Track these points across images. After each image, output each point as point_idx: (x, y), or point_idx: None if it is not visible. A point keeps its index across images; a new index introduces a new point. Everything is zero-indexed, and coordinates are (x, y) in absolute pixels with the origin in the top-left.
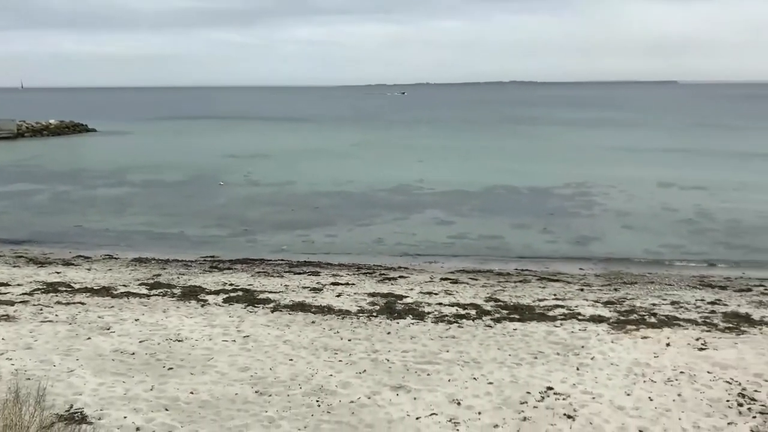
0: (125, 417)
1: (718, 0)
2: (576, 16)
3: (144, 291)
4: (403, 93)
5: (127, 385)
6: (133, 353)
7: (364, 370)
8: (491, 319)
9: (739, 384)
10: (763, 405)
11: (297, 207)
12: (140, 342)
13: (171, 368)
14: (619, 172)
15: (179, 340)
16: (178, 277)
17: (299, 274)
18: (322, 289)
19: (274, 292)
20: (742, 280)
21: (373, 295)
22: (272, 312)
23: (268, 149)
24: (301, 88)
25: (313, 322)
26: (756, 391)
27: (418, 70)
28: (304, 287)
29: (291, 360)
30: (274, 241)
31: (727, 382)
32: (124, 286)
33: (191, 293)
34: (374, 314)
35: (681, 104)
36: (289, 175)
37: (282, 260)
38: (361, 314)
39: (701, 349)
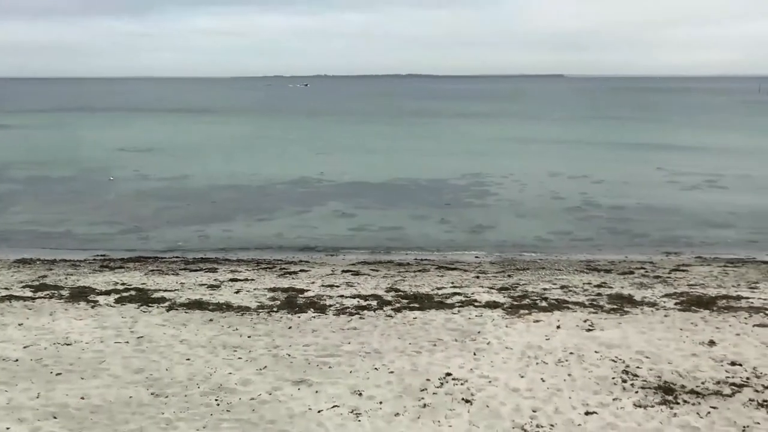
0: (8, 428)
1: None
2: (472, 10)
3: (28, 294)
4: (306, 85)
5: (10, 394)
6: (17, 360)
7: (265, 367)
8: (392, 309)
9: (623, 362)
10: (644, 380)
11: (193, 202)
12: (25, 347)
13: (59, 374)
14: (513, 163)
15: (68, 344)
16: (66, 278)
17: (196, 271)
18: (220, 286)
19: (170, 291)
20: (625, 263)
21: (273, 290)
22: (168, 311)
23: (163, 142)
24: (202, 80)
25: (210, 319)
26: (638, 367)
27: (319, 62)
28: (201, 284)
29: (188, 359)
30: (168, 238)
31: (613, 360)
32: (5, 289)
33: (80, 294)
34: (275, 309)
35: (569, 97)
36: (185, 169)
37: (177, 257)
38: (261, 310)
39: (589, 330)
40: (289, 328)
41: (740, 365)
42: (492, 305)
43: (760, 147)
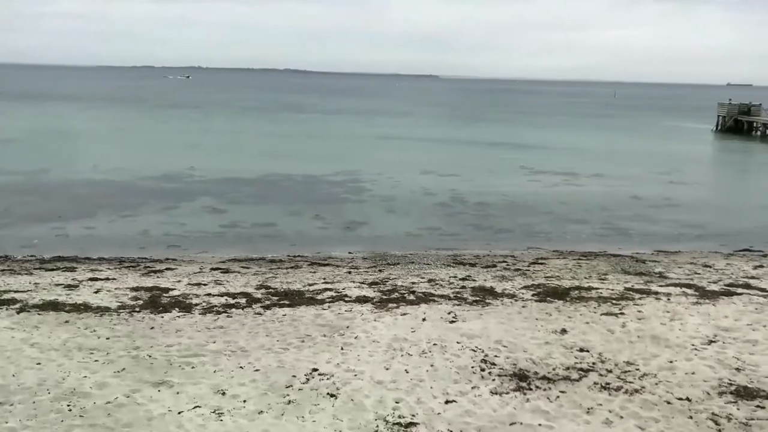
0: None
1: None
2: (350, 6)
3: None
4: (188, 77)
5: None
6: None
7: (123, 369)
8: (261, 307)
9: (483, 351)
10: (501, 368)
11: (51, 197)
12: None
13: None
14: (387, 159)
15: None
16: None
17: (52, 270)
18: (78, 286)
19: (21, 291)
20: (489, 257)
21: (136, 289)
22: (18, 313)
23: (17, 132)
24: (61, 68)
25: (66, 321)
26: (496, 356)
27: (193, 53)
28: (58, 284)
29: (39, 364)
30: (22, 235)
31: (473, 350)
32: None
33: None
34: (137, 309)
35: (442, 97)
36: (41, 161)
37: (32, 256)
38: (122, 310)
39: (452, 322)
40: (152, 328)
41: (588, 351)
42: (362, 300)
43: (612, 147)
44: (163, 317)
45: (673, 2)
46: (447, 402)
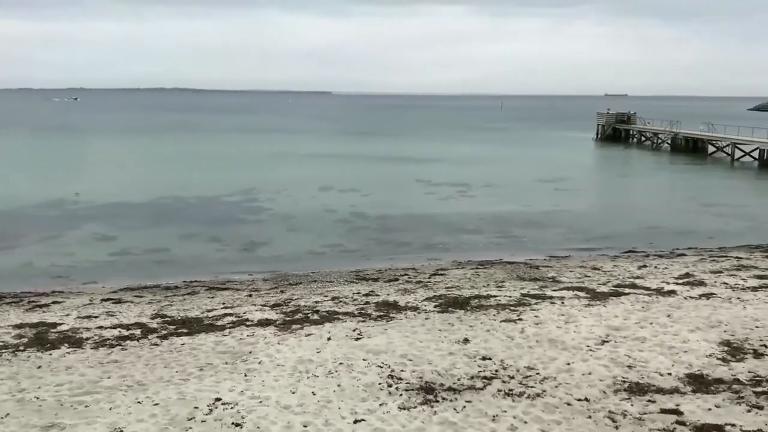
0: None
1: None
2: (242, 23)
3: None
4: (76, 99)
5: None
6: None
7: (7, 414)
8: (158, 337)
9: (389, 366)
10: (408, 383)
11: None
12: None
13: None
14: (284, 177)
15: None
16: None
17: None
18: None
19: None
20: (391, 271)
21: (19, 326)
22: None
23: None
24: None
25: None
26: (402, 371)
27: (73, 74)
28: None
29: None
30: None
31: (379, 366)
32: None
33: None
34: (21, 348)
35: (336, 113)
36: None
37: None
38: (4, 350)
39: (357, 339)
40: (39, 367)
41: (490, 359)
42: (264, 323)
43: (502, 158)
44: (51, 354)
45: (548, 17)
46: (356, 421)
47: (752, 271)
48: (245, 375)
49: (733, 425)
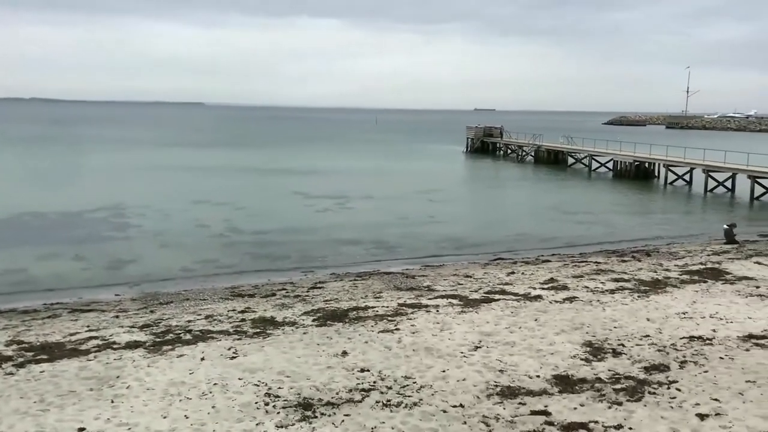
0: None
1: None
2: (109, 32)
3: None
4: None
5: None
6: None
7: None
8: (13, 365)
9: (266, 384)
10: (285, 400)
11: None
12: None
13: None
14: (153, 191)
15: None
16: None
17: None
18: None
19: None
20: (268, 286)
21: None
22: None
23: None
24: None
25: None
26: (279, 388)
27: None
28: None
29: None
30: None
31: (256, 384)
32: None
33: None
34: None
35: (209, 124)
36: None
37: None
38: None
39: (233, 358)
40: None
41: (368, 371)
42: (133, 345)
43: (378, 170)
44: None
45: (421, 34)
46: None
47: (610, 275)
48: (112, 401)
49: (596, 422)
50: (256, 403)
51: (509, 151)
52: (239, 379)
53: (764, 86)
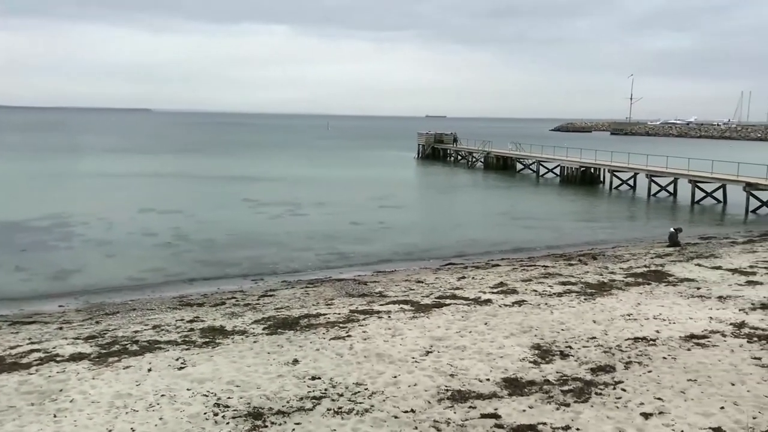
0: None
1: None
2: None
3: None
4: None
5: None
6: None
7: None
8: None
9: (215, 394)
10: (235, 410)
11: None
12: None
13: None
14: (99, 200)
15: None
16: None
17: None
18: None
19: None
20: (218, 294)
21: None
22: None
23: None
24: None
25: None
26: (229, 398)
27: None
28: None
29: None
30: None
31: (204, 395)
32: None
33: None
34: None
35: (156, 130)
36: None
37: None
38: None
39: (181, 368)
40: None
41: (319, 378)
42: (77, 358)
43: (330, 176)
44: None
45: (373, 41)
46: None
47: (557, 278)
48: (54, 416)
49: (545, 424)
50: (204, 413)
51: (460, 158)
52: (188, 389)
53: (703, 94)
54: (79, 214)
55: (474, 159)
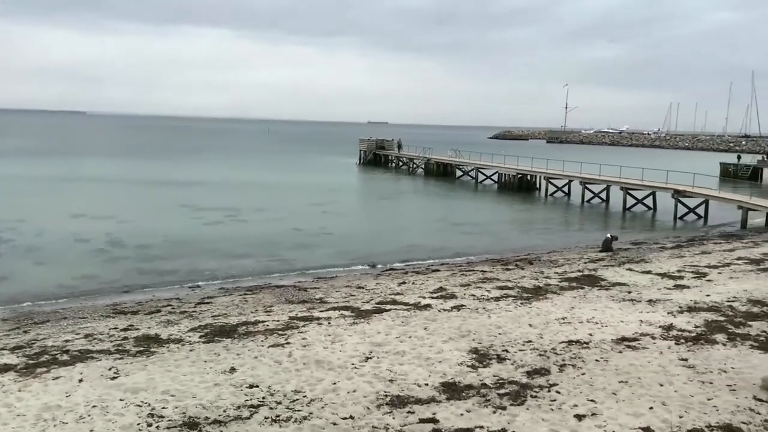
0: None
1: (126, 34)
2: None
3: None
4: None
5: None
6: None
7: None
8: None
9: (149, 405)
10: (170, 420)
11: None
12: None
13: None
14: (27, 204)
15: None
16: None
17: None
18: None
19: None
20: (153, 302)
21: None
22: None
23: None
24: None
25: None
26: (163, 408)
27: None
28: None
29: None
30: None
31: (138, 405)
32: None
33: None
34: None
35: (90, 133)
36: None
37: None
38: None
39: (114, 378)
40: None
41: (257, 386)
42: (2, 369)
43: (270, 182)
44: None
45: (314, 46)
46: None
47: (495, 283)
48: None
49: (482, 427)
50: (138, 424)
51: (401, 164)
52: (120, 400)
53: (635, 103)
54: (6, 219)
55: (415, 165)
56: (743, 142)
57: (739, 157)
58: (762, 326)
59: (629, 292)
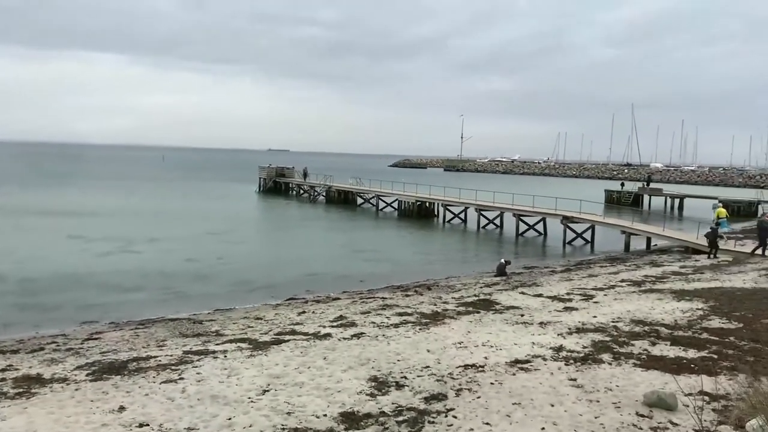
0: None
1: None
2: None
3: None
4: None
5: None
6: None
7: None
8: None
9: None
10: None
11: None
12: None
13: None
14: None
15: None
16: None
17: None
18: None
19: None
20: (35, 339)
21: None
22: None
23: None
24: None
25: None
26: None
27: None
28: None
29: None
30: None
31: None
32: None
33: None
34: None
35: None
36: None
37: None
38: None
39: None
40: None
41: (148, 425)
42: None
43: (165, 210)
44: None
45: (211, 73)
46: None
47: (394, 309)
48: None
49: None
50: None
51: (302, 191)
52: None
53: (526, 133)
54: None
55: (316, 193)
56: (625, 170)
57: (622, 185)
58: (643, 345)
59: (522, 315)
